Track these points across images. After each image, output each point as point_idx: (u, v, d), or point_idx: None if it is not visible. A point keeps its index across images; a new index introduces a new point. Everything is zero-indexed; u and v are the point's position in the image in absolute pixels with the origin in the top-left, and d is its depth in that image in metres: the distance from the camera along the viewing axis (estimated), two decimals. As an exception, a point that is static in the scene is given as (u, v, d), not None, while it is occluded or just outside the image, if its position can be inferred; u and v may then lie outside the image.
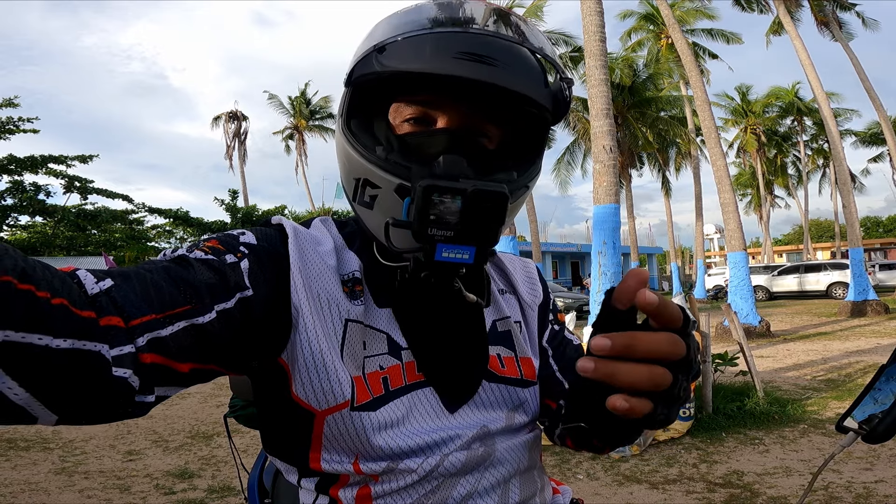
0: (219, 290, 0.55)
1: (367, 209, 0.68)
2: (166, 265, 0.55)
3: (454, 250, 0.58)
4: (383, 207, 0.66)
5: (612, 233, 6.64)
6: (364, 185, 0.67)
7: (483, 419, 0.70)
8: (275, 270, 0.61)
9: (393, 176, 0.63)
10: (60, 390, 0.42)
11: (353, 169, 0.68)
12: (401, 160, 0.64)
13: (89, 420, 0.47)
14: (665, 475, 3.69)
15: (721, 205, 11.19)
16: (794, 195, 36.06)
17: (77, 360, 0.42)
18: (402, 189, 0.62)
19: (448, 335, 0.71)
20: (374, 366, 0.66)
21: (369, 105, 0.70)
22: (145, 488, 3.71)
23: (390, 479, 0.65)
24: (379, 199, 0.66)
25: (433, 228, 0.57)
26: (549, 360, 0.83)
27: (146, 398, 0.49)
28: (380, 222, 0.65)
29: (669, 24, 13.07)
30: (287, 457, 0.69)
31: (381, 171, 0.64)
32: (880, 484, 3.31)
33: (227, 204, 21.75)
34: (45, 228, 19.40)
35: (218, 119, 32.08)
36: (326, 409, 0.62)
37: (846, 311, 13.69)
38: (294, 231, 0.66)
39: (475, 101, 0.66)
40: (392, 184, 0.63)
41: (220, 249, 0.59)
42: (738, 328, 5.41)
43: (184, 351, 0.51)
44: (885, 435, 0.83)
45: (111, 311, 0.46)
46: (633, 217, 23.67)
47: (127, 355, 0.46)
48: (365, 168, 0.66)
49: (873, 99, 16.04)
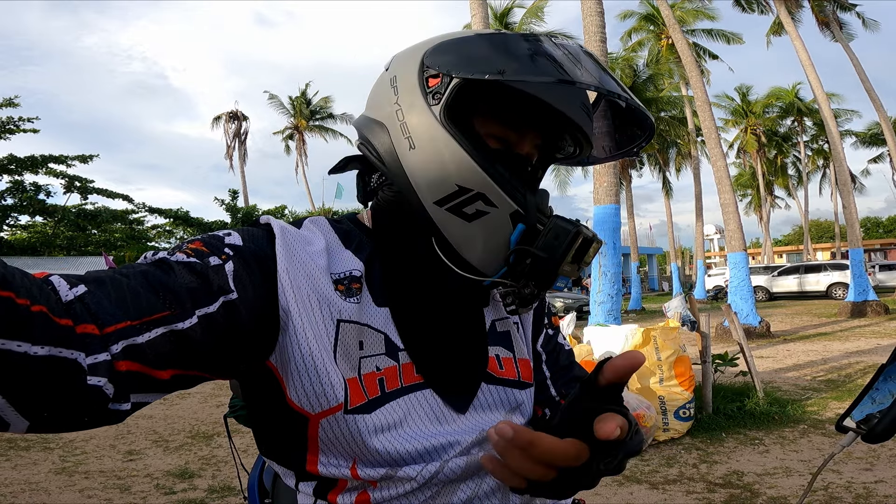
0: (201, 294, 0.54)
1: (460, 219, 0.66)
2: (145, 269, 0.54)
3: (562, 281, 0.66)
4: (488, 225, 0.66)
5: (612, 233, 6.64)
6: (475, 198, 0.65)
7: (482, 423, 0.69)
8: (261, 272, 0.60)
9: (513, 200, 0.65)
10: (35, 397, 0.42)
11: (465, 177, 0.64)
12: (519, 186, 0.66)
13: (61, 427, 0.46)
14: (665, 475, 3.69)
15: (721, 205, 11.19)
16: (794, 196, 36.05)
17: (53, 367, 0.42)
18: (517, 215, 0.65)
19: (447, 335, 0.70)
20: (370, 367, 0.64)
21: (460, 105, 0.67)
22: (145, 488, 3.72)
23: (389, 485, 0.64)
24: (488, 217, 0.65)
25: (566, 265, 0.65)
26: (542, 365, 0.84)
27: (120, 406, 0.48)
28: (473, 236, 0.66)
29: (670, 24, 13.08)
30: (283, 460, 0.68)
31: (503, 191, 0.65)
32: (880, 484, 3.31)
33: (228, 204, 21.77)
34: (45, 228, 19.39)
35: (218, 119, 32.09)
36: (320, 412, 0.61)
37: (846, 312, 13.68)
38: (282, 231, 0.64)
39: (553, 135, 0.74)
40: (510, 208, 0.65)
41: (203, 252, 0.58)
42: (738, 328, 5.41)
43: (162, 358, 0.50)
44: (884, 435, 0.83)
45: (86, 318, 0.45)
46: (634, 217, 23.66)
47: (102, 363, 0.45)
48: (485, 182, 0.64)
49: (873, 99, 16.04)
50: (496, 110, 0.68)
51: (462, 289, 0.70)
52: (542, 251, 0.64)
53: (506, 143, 0.69)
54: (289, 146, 33.16)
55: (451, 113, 0.65)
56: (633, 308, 19.44)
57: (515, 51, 0.64)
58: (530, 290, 0.66)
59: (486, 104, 0.68)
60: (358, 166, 0.77)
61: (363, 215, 0.77)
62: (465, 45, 0.66)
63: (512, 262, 0.66)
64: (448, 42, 0.68)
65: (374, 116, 0.71)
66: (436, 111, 0.65)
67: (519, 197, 0.65)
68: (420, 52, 0.68)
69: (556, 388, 0.83)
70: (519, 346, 0.78)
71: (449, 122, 0.65)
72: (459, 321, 0.72)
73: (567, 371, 0.85)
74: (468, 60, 0.64)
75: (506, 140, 0.69)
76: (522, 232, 0.65)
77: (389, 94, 0.69)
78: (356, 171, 0.77)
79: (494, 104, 0.68)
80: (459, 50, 0.66)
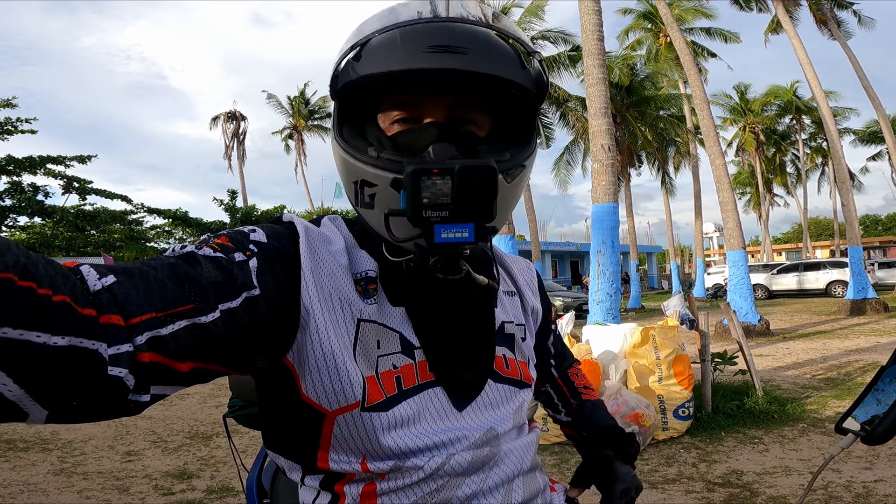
0: (225, 288, 0.55)
1: (368, 209, 0.68)
2: (172, 262, 0.54)
3: (453, 230, 0.58)
4: (382, 204, 0.66)
5: (610, 231, 6.64)
6: (362, 186, 0.68)
7: (490, 420, 0.72)
8: (284, 270, 0.61)
9: (386, 171, 0.65)
10: (55, 388, 0.42)
11: (350, 172, 0.69)
12: (392, 156, 0.66)
13: (80, 418, 0.46)
14: (664, 475, 3.69)
15: (720, 203, 11.20)
16: (793, 194, 36.10)
17: (74, 358, 0.42)
18: (397, 182, 0.64)
19: (457, 333, 0.72)
20: (387, 365, 0.66)
21: (358, 111, 0.72)
22: (144, 489, 3.71)
23: (396, 476, 0.65)
24: (377, 197, 0.67)
25: (427, 211, 0.58)
26: (550, 359, 1.03)
27: (140, 397, 0.48)
28: (381, 218, 0.66)
29: (668, 22, 13.07)
30: (291, 455, 0.69)
31: (374, 168, 0.66)
32: (880, 483, 3.31)
33: (227, 204, 21.72)
34: (43, 229, 19.36)
35: (216, 119, 32.03)
36: (337, 409, 0.62)
37: (845, 310, 13.69)
38: (305, 230, 0.66)
39: (455, 92, 0.67)
40: (387, 179, 0.65)
41: (229, 247, 0.59)
42: (737, 327, 5.40)
43: (184, 350, 0.50)
44: (884, 437, 0.82)
45: (112, 308, 0.45)
46: (633, 216, 23.65)
47: (124, 354, 0.45)
48: (359, 169, 0.67)
49: (872, 97, 16.05)
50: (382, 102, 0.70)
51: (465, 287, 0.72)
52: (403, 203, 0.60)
53: (413, 121, 0.69)
54: (288, 146, 33.17)
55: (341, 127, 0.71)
56: (633, 307, 19.46)
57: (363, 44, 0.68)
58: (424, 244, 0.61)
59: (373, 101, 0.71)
60: None
61: None
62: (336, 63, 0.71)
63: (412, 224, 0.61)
64: None
65: None
66: (334, 133, 0.72)
67: (394, 165, 0.64)
68: None
69: (556, 370, 1.05)
70: (521, 348, 0.80)
71: (338, 135, 0.70)
72: (469, 321, 0.74)
73: (563, 358, 1.06)
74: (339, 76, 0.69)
75: (411, 119, 0.69)
76: None
77: None
78: None
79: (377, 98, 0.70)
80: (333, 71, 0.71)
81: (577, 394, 1.04)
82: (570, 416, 1.03)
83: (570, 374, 1.06)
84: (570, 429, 1.04)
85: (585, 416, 1.01)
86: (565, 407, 1.04)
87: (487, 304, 0.77)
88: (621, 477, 0.92)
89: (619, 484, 0.91)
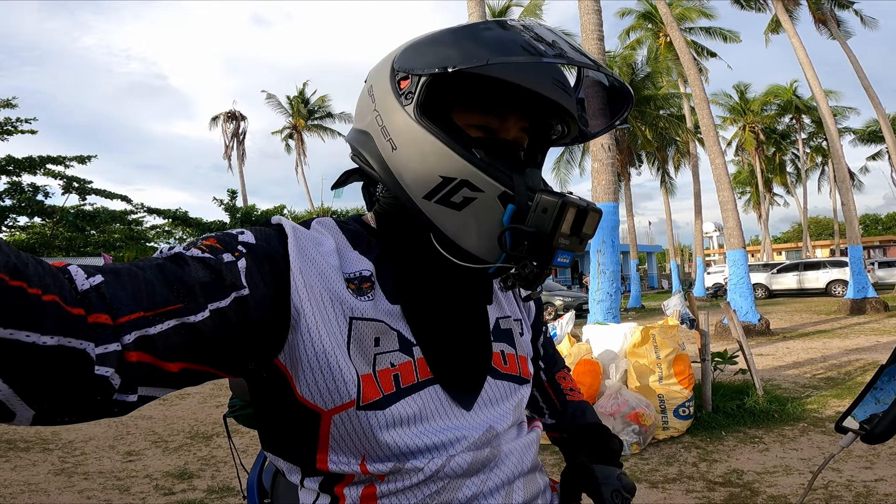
0: (214, 288, 0.55)
1: (450, 209, 0.67)
2: (161, 262, 0.54)
3: (564, 256, 0.66)
4: (478, 211, 0.66)
5: (610, 231, 6.64)
6: (460, 185, 0.66)
7: (489, 418, 0.71)
8: (273, 270, 0.61)
9: (498, 183, 0.65)
10: (41, 387, 0.42)
11: (446, 167, 0.66)
12: (501, 167, 0.67)
13: (66, 418, 0.46)
14: (665, 474, 3.69)
15: (720, 203, 11.20)
16: (792, 193, 36.09)
17: (62, 357, 0.42)
18: (506, 196, 0.65)
19: (454, 331, 0.72)
20: (385, 363, 0.65)
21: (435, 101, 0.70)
22: (145, 489, 3.71)
23: (396, 478, 0.65)
24: (476, 203, 0.66)
25: (562, 238, 0.64)
26: (539, 361, 1.03)
27: (127, 397, 0.48)
28: (466, 224, 0.66)
29: (668, 22, 13.06)
30: (290, 457, 0.69)
31: (486, 175, 0.65)
32: (880, 482, 3.31)
33: (227, 204, 21.73)
34: (43, 229, 19.38)
35: (216, 119, 32.01)
36: (333, 408, 0.62)
37: (845, 309, 13.69)
38: (294, 231, 0.66)
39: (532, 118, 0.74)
40: (497, 190, 0.65)
41: (217, 248, 0.59)
42: (737, 326, 5.41)
43: (173, 350, 0.50)
44: (884, 436, 0.82)
45: (100, 307, 0.46)
46: (633, 215, 23.65)
47: (111, 353, 0.45)
48: (467, 169, 0.65)
49: (872, 97, 16.04)
50: (472, 100, 0.70)
51: (468, 284, 0.72)
52: (531, 227, 0.64)
53: (490, 130, 0.71)
54: (288, 145, 33.15)
55: (425, 109, 0.68)
56: (633, 306, 19.46)
57: (480, 40, 0.67)
58: (530, 269, 0.66)
59: (462, 96, 0.70)
60: (359, 178, 0.80)
61: (368, 216, 0.79)
62: (431, 43, 0.69)
63: (510, 245, 0.66)
64: (415, 43, 0.71)
65: (360, 127, 0.75)
66: (409, 110, 0.67)
67: (504, 178, 0.65)
68: (391, 59, 0.72)
69: (545, 374, 1.04)
70: (520, 343, 0.80)
71: (423, 118, 0.67)
72: (466, 318, 0.74)
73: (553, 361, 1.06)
74: (431, 57, 0.66)
75: (489, 128, 0.71)
76: (513, 212, 0.65)
77: (369, 103, 0.73)
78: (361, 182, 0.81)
79: (469, 95, 0.70)
80: (425, 48, 0.69)
81: (562, 396, 1.03)
82: (555, 419, 1.02)
83: (557, 378, 1.05)
84: (554, 431, 1.03)
85: (568, 416, 1.00)
86: (549, 409, 1.03)
87: (480, 302, 0.77)
88: (604, 480, 0.89)
89: (606, 488, 0.88)
